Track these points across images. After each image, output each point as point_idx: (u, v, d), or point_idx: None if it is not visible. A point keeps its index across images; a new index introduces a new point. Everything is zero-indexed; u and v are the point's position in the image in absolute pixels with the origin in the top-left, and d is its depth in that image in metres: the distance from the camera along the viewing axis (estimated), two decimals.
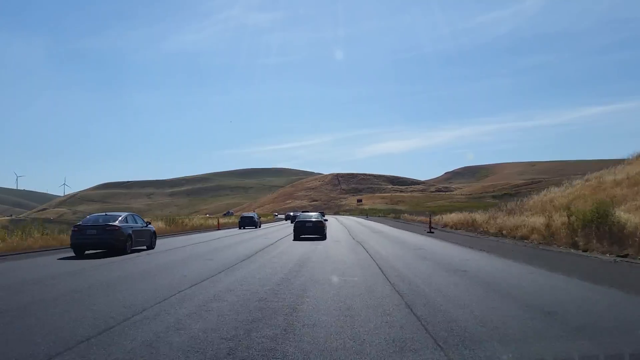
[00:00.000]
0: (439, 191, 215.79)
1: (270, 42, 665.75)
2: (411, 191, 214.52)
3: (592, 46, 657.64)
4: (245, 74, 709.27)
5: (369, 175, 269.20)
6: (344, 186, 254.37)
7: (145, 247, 20.08)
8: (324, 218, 31.68)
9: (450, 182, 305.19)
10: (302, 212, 58.52)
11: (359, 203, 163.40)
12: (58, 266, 14.55)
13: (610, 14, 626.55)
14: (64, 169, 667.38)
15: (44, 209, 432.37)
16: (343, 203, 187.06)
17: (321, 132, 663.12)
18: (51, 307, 7.87)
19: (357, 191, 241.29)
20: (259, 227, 49.05)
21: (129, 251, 18.02)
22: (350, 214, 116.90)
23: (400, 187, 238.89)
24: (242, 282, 10.50)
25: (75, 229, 17.78)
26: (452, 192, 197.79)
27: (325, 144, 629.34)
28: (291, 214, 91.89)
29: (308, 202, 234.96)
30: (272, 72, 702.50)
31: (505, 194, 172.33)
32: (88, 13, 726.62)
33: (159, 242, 22.93)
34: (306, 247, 21.09)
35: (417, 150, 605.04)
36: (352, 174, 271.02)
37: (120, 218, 18.53)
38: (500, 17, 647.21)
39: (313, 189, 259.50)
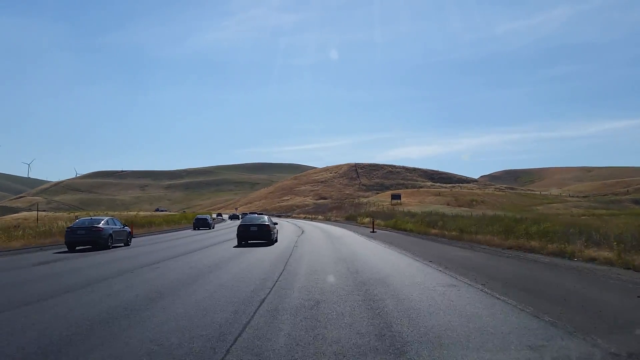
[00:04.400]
0: (509, 189, 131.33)
1: (293, 43, 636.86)
2: (458, 190, 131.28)
3: (619, 59, 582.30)
4: (268, 74, 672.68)
5: (399, 167, 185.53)
6: (364, 180, 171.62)
7: (122, 244, 22.84)
8: (274, 222, 24.30)
9: (490, 186, 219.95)
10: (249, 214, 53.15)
11: (395, 201, 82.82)
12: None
13: (639, 27, 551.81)
14: (79, 159, 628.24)
15: (22, 197, 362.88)
16: (363, 202, 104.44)
17: (342, 135, 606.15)
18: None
19: (383, 187, 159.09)
20: (213, 228, 46.39)
21: (110, 247, 21.05)
22: (394, 223, 35.28)
23: (444, 184, 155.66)
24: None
25: (69, 230, 20.98)
26: (547, 193, 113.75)
27: (346, 147, 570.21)
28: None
29: (313, 200, 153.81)
30: (294, 73, 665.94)
31: None
32: (111, 7, 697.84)
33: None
34: None
35: (438, 156, 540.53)
36: (376, 164, 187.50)
37: (103, 221, 21.77)
38: (527, 26, 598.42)
39: (322, 182, 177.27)
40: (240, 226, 22.49)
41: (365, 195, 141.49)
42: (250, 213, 74.80)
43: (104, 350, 5.08)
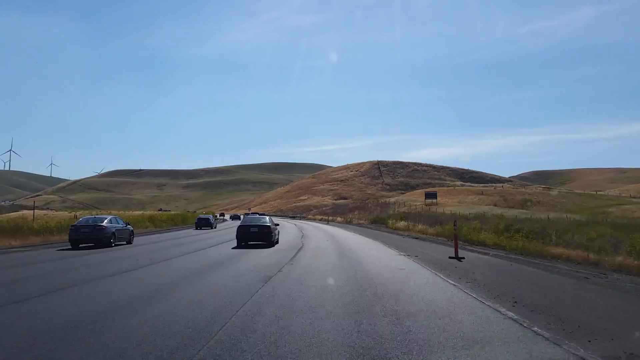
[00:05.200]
0: (546, 189, 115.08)
1: (315, 44, 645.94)
2: (502, 189, 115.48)
3: None
4: (288, 75, 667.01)
5: (426, 165, 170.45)
6: (387, 179, 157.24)
7: (125, 242, 22.35)
8: (275, 223, 22.82)
9: (527, 186, 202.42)
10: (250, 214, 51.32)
11: (430, 200, 68.47)
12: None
13: None
14: (101, 158, 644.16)
15: (39, 195, 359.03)
16: (390, 201, 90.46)
17: (361, 136, 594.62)
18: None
19: (408, 187, 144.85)
20: (215, 228, 44.47)
21: (112, 245, 20.63)
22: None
23: (475, 184, 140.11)
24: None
25: (73, 227, 20.72)
26: (604, 193, 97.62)
27: (366, 148, 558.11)
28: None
29: (332, 199, 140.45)
30: (313, 74, 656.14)
31: None
32: (134, 9, 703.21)
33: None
34: None
35: (460, 157, 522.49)
36: (400, 162, 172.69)
37: (106, 220, 21.46)
38: (550, 26, 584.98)
39: (342, 181, 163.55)
40: (239, 227, 21.12)
41: (388, 195, 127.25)
42: (252, 213, 65.87)
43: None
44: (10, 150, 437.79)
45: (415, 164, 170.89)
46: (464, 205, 61.38)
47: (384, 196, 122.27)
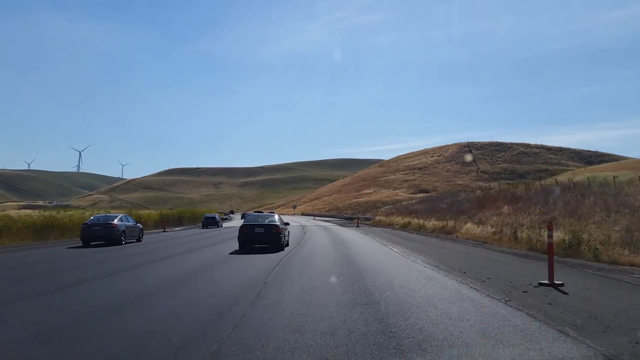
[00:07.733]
0: None
1: (378, 43, 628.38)
2: None
3: None
4: (349, 74, 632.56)
5: (537, 147, 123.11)
6: (484, 166, 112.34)
7: (135, 240, 23.59)
8: (285, 222, 19.25)
9: None
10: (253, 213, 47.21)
11: None
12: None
13: None
14: (168, 158, 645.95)
15: (90, 195, 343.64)
16: (569, 184, 45.55)
17: (426, 134, 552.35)
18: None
19: (514, 175, 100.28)
20: (221, 226, 46.43)
21: (123, 243, 21.77)
22: None
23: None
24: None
25: (84, 226, 21.81)
26: None
27: (432, 145, 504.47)
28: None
29: (407, 192, 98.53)
30: (375, 73, 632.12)
31: None
32: (198, 15, 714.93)
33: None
34: None
35: None
36: (500, 143, 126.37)
37: (117, 218, 22.56)
38: (623, 16, 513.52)
39: (420, 169, 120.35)
40: (242, 227, 17.53)
41: (485, 186, 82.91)
42: (256, 212, 57.97)
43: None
44: (80, 152, 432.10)
45: (521, 144, 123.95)
46: None
47: (476, 188, 78.68)
